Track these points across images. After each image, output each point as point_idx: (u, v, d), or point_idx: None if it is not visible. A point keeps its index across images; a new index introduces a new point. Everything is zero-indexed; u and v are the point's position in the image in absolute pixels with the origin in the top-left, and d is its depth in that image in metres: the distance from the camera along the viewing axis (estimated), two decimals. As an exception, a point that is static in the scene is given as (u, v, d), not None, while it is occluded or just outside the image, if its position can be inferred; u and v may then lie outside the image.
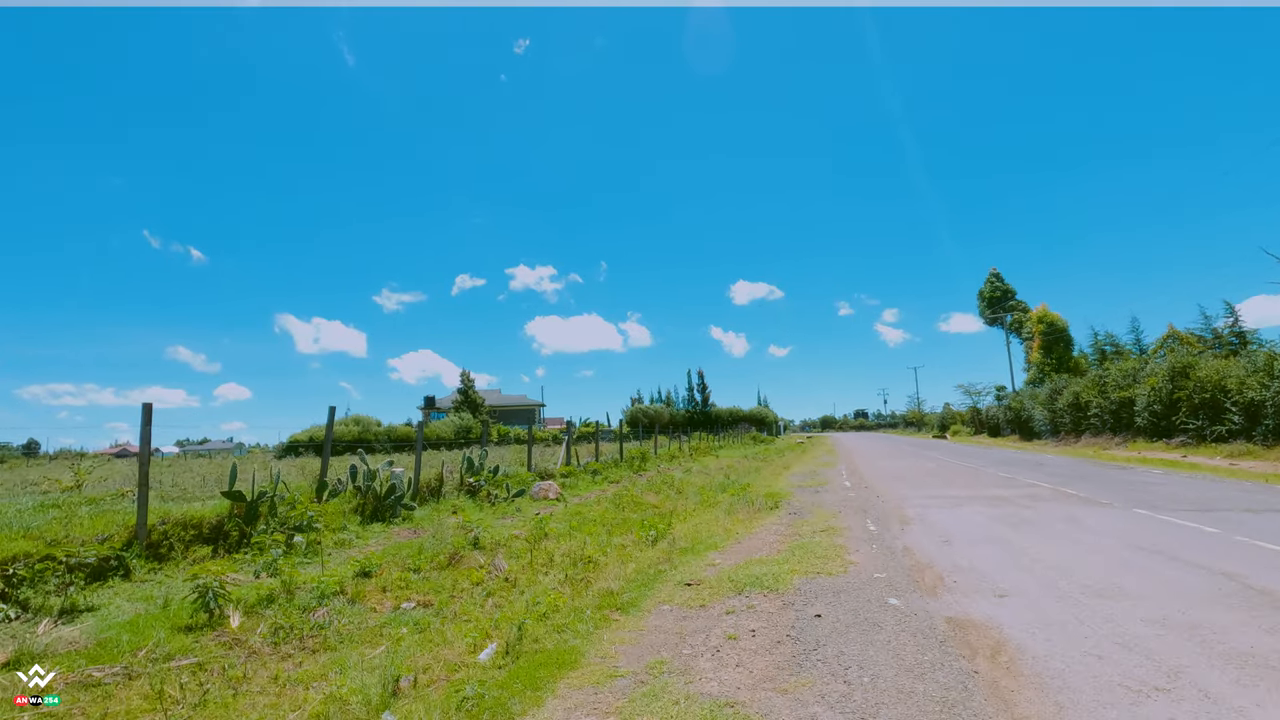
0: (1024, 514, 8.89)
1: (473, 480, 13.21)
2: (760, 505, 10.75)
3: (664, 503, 15.60)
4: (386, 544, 9.52)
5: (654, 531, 9.65)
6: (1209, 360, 24.46)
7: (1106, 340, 40.63)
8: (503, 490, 13.55)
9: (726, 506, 11.40)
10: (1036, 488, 12.04)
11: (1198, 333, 32.58)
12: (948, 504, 10.23)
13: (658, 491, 16.47)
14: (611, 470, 20.50)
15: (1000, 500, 10.40)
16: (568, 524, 11.44)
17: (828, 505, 10.70)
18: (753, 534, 8.56)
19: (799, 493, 13.05)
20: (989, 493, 11.51)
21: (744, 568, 6.31)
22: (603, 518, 12.43)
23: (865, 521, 8.80)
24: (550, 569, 8.90)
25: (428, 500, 12.14)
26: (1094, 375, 31.96)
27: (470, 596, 7.67)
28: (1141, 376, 28.33)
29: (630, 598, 5.86)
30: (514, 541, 10.03)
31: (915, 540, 7.28)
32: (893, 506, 10.22)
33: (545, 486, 14.54)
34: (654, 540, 9.47)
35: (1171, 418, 24.66)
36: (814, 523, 8.87)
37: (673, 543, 8.74)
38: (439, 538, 9.52)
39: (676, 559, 7.65)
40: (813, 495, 12.44)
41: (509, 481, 14.48)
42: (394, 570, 8.10)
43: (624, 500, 14.66)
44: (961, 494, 11.46)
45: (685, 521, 11.37)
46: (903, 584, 5.40)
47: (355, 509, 10.60)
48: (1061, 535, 7.30)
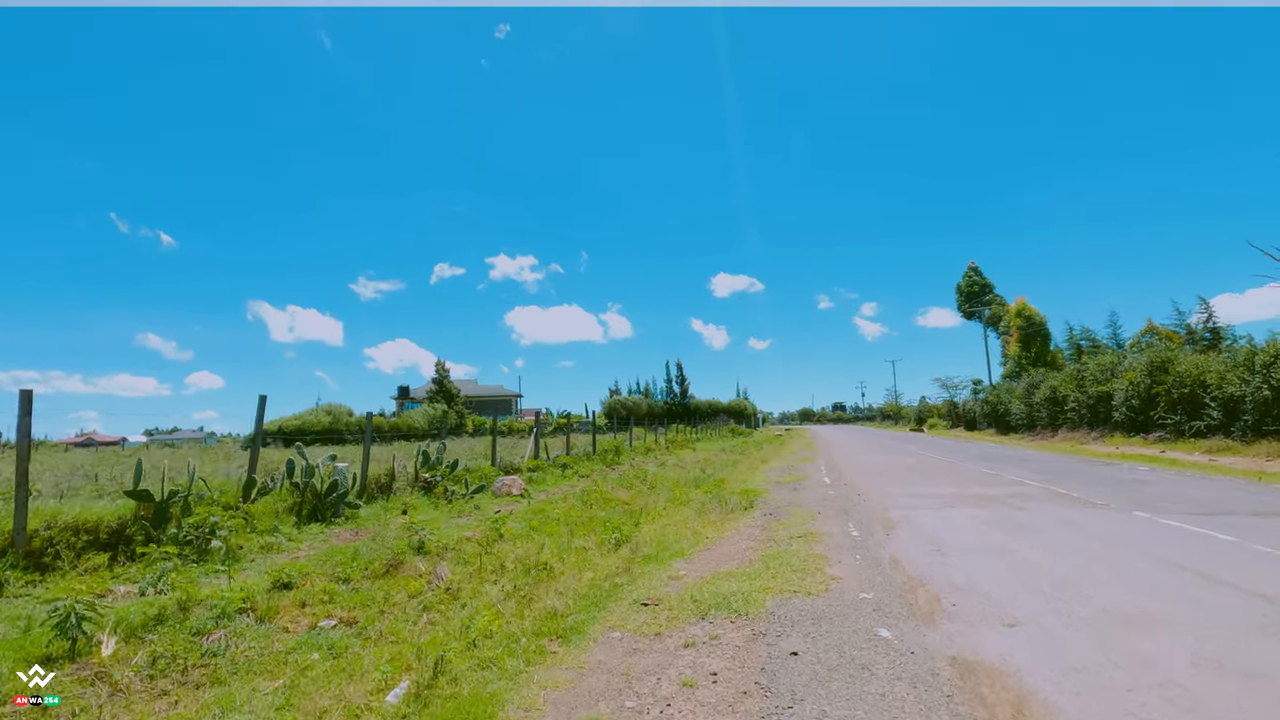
0: (1018, 517, 8.14)
1: (428, 475, 12.23)
2: (734, 505, 9.91)
3: (635, 499, 14.75)
4: (322, 548, 8.53)
5: (617, 534, 8.78)
6: (1188, 355, 24.14)
7: (1083, 335, 40.54)
8: (461, 486, 12.58)
9: (698, 505, 10.56)
10: (1024, 486, 11.36)
11: (1172, 328, 32.49)
12: (934, 504, 9.48)
13: (629, 487, 15.61)
14: (583, 464, 19.60)
15: (989, 500, 9.68)
16: (528, 524, 10.52)
17: (806, 505, 9.90)
18: (724, 538, 7.71)
19: (776, 490, 12.25)
20: (976, 491, 10.80)
21: (711, 583, 5.45)
22: (567, 516, 11.53)
23: (847, 525, 7.99)
24: (500, 577, 7.98)
25: (376, 498, 11.14)
26: (1072, 369, 31.69)
27: (403, 612, 6.73)
28: (1119, 371, 28.04)
29: (577, 620, 4.97)
30: (465, 545, 9.09)
31: (903, 549, 6.47)
32: (875, 507, 9.44)
33: (509, 482, 13.60)
34: (617, 544, 8.60)
35: (1149, 413, 24.34)
36: (791, 526, 8.05)
37: (636, 548, 7.87)
38: (379, 541, 8.56)
39: (638, 568, 6.77)
40: (790, 493, 11.65)
41: (469, 477, 13.51)
42: (320, 580, 7.13)
43: (592, 497, 13.78)
44: (947, 493, 10.73)
45: (654, 522, 10.51)
46: (894, 607, 4.56)
47: (291, 508, 9.58)
48: (1064, 543, 6.54)
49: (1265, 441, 18.16)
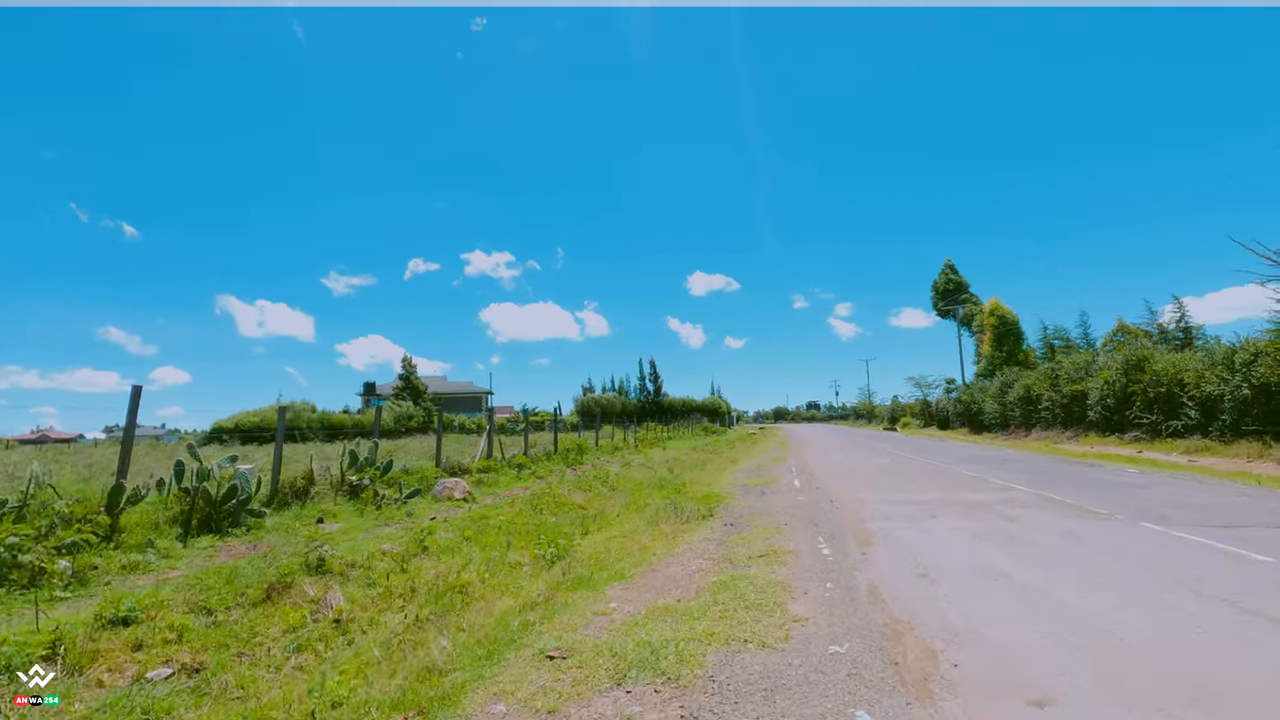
0: (1012, 529, 7.03)
1: (355, 478, 10.82)
2: (691, 513, 8.69)
3: (592, 502, 13.49)
4: (205, 566, 7.12)
5: (554, 548, 7.51)
6: (1164, 354, 23.55)
7: (1056, 334, 40.19)
8: (394, 490, 11.20)
9: (653, 513, 9.32)
10: (1012, 490, 10.30)
11: (1144, 327, 32.10)
12: (914, 513, 8.34)
13: (587, 489, 14.34)
14: (541, 464, 18.27)
15: (977, 508, 8.57)
16: (461, 533, 9.19)
17: (772, 513, 8.71)
18: (674, 555, 6.49)
19: (741, 495, 11.06)
20: (960, 496, 9.71)
21: (643, 624, 4.21)
22: (510, 524, 10.22)
23: (816, 540, 6.81)
24: (408, 603, 6.65)
25: (290, 504, 9.72)
26: (1046, 368, 31.11)
27: (269, 654, 5.36)
28: (1094, 370, 27.48)
29: (456, 681, 3.70)
30: (377, 561, 7.73)
31: (884, 573, 5.29)
32: (849, 516, 8.28)
33: (451, 485, 12.24)
34: (552, 560, 7.34)
35: (1125, 412, 23.73)
36: (752, 540, 6.84)
37: (570, 567, 6.60)
38: (269, 558, 7.17)
39: (564, 595, 5.51)
40: (756, 498, 10.47)
41: (406, 480, 12.12)
42: (175, 612, 5.74)
43: (543, 500, 12.48)
44: (929, 499, 9.62)
45: (602, 531, 9.26)
46: (874, 668, 3.35)
47: (176, 518, 8.14)
48: (1075, 563, 5.41)
49: (1244, 441, 17.51)
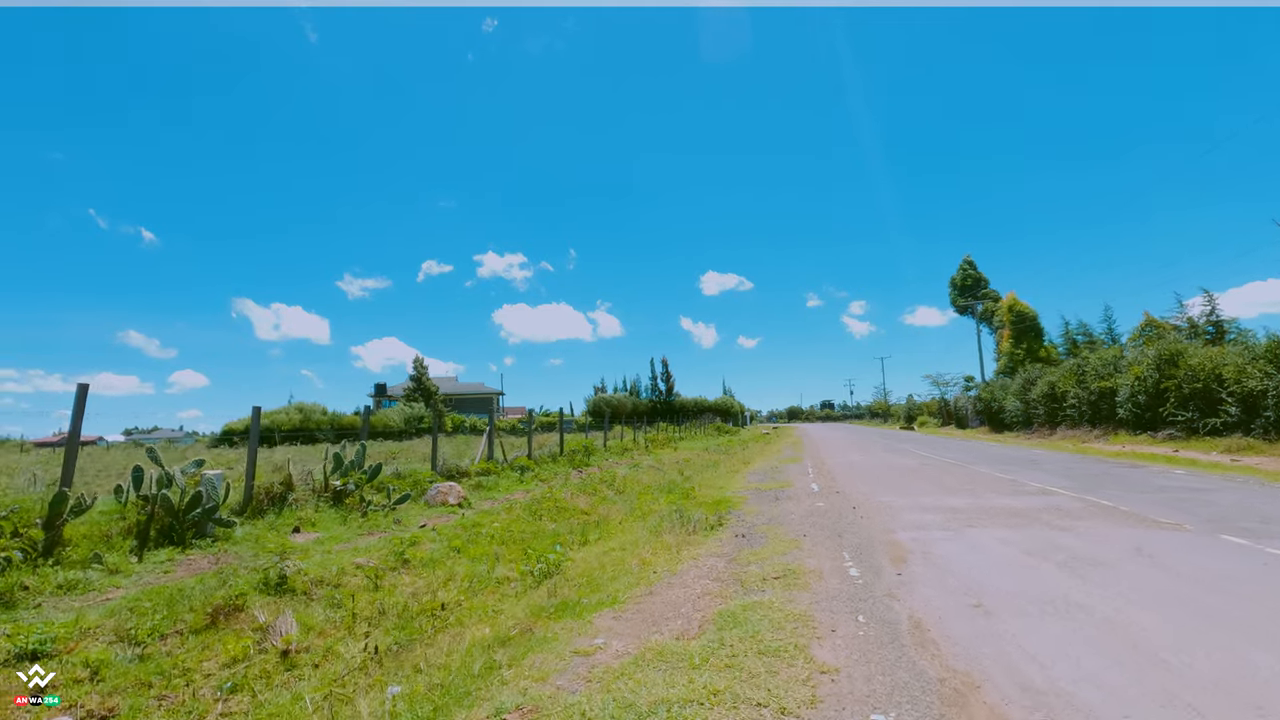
0: (1068, 543, 6.04)
1: (339, 483, 10.02)
2: (699, 522, 7.78)
3: (596, 507, 12.62)
4: (154, 583, 6.33)
5: (543, 563, 6.65)
6: (1199, 348, 22.24)
7: (1079, 330, 38.68)
8: (382, 496, 10.40)
9: (658, 521, 8.43)
10: (1053, 495, 9.27)
11: (1173, 321, 30.64)
12: (951, 521, 7.36)
13: (592, 493, 13.48)
14: (546, 466, 17.43)
15: (1020, 516, 7.57)
16: (448, 544, 8.36)
17: (788, 523, 7.77)
18: (676, 574, 5.59)
19: (754, 500, 10.13)
20: (997, 502, 8.69)
21: (629, 672, 3.32)
22: (503, 532, 9.38)
23: (841, 555, 5.87)
24: (373, 628, 5.81)
25: (266, 512, 8.93)
26: (1072, 364, 29.77)
27: (194, 698, 4.54)
28: (1123, 365, 26.17)
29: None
30: (348, 577, 6.91)
31: (928, 602, 4.34)
32: (876, 525, 7.32)
33: (445, 490, 11.42)
34: (542, 577, 6.48)
35: (1158, 409, 22.45)
36: (766, 556, 5.92)
37: (553, 591, 5.73)
38: (223, 575, 6.36)
39: (543, 626, 4.64)
40: (771, 504, 9.53)
41: (396, 484, 11.32)
42: (100, 642, 4.95)
43: (544, 506, 11.64)
44: (962, 504, 8.62)
45: (600, 542, 8.37)
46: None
47: (130, 530, 7.37)
48: (1163, 590, 4.42)
49: (1293, 440, 16.28)
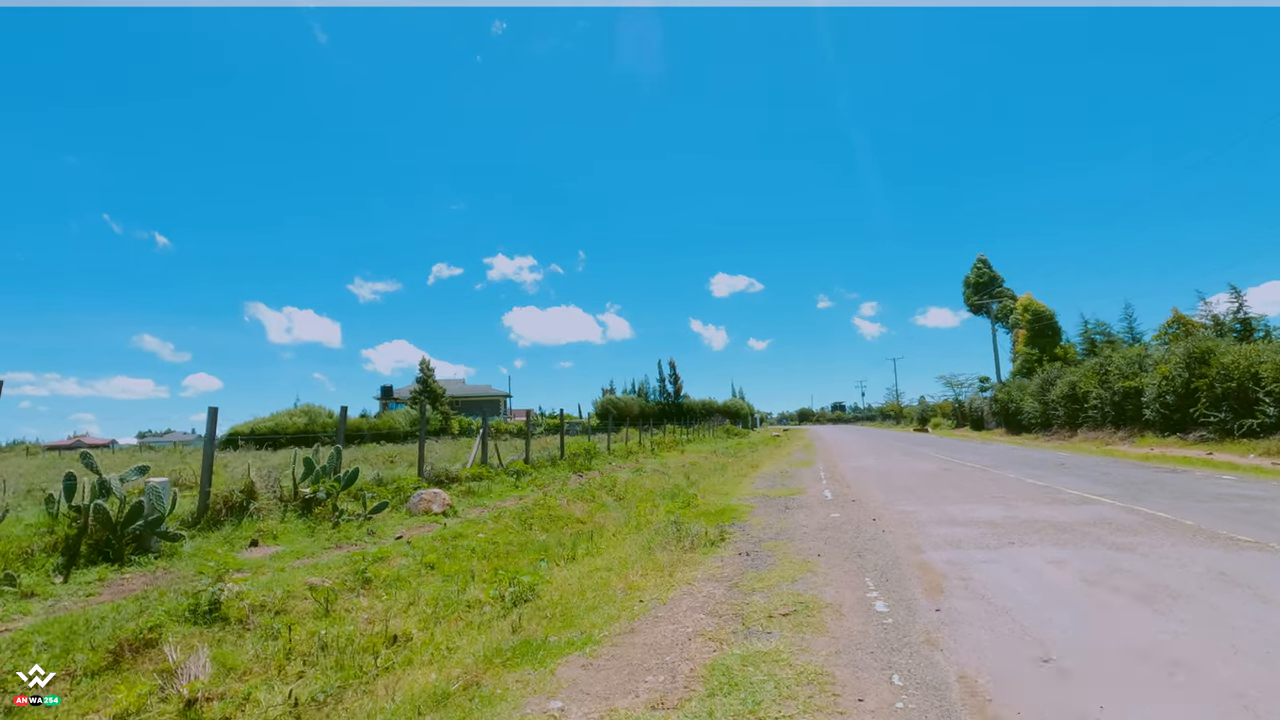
0: (1135, 566, 5.01)
1: (309, 491, 9.14)
2: (698, 536, 6.82)
3: (593, 514, 11.68)
4: (74, 608, 5.46)
5: (516, 586, 5.73)
6: (1232, 346, 20.96)
7: (1097, 329, 37.26)
8: (357, 504, 9.52)
9: (651, 535, 7.47)
10: (1096, 504, 8.21)
11: (1199, 319, 29.27)
12: (988, 538, 6.34)
13: (590, 499, 12.55)
14: (544, 471, 16.50)
15: (1067, 531, 6.53)
16: (422, 559, 7.43)
17: (799, 538, 6.78)
18: (666, 605, 4.64)
19: (761, 509, 9.15)
20: (1036, 514, 7.65)
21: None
22: (487, 545, 8.45)
23: (863, 582, 4.88)
24: (311, 665, 4.90)
25: (224, 523, 8.06)
26: (1094, 363, 28.49)
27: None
28: (1148, 364, 24.90)
29: None
30: (297, 600, 6.00)
31: (980, 656, 3.35)
32: (901, 542, 6.32)
33: (429, 497, 10.52)
34: (513, 603, 5.55)
35: (1188, 409, 21.19)
36: (773, 584, 4.95)
37: (519, 624, 4.79)
38: (143, 601, 5.48)
39: (493, 679, 3.71)
40: (780, 514, 8.55)
41: (376, 491, 10.44)
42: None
43: (536, 514, 10.72)
44: (996, 516, 7.59)
45: (587, 559, 7.43)
46: None
47: (57, 545, 6.52)
48: (1273, 638, 3.43)
49: (1341, 442, 15.07)
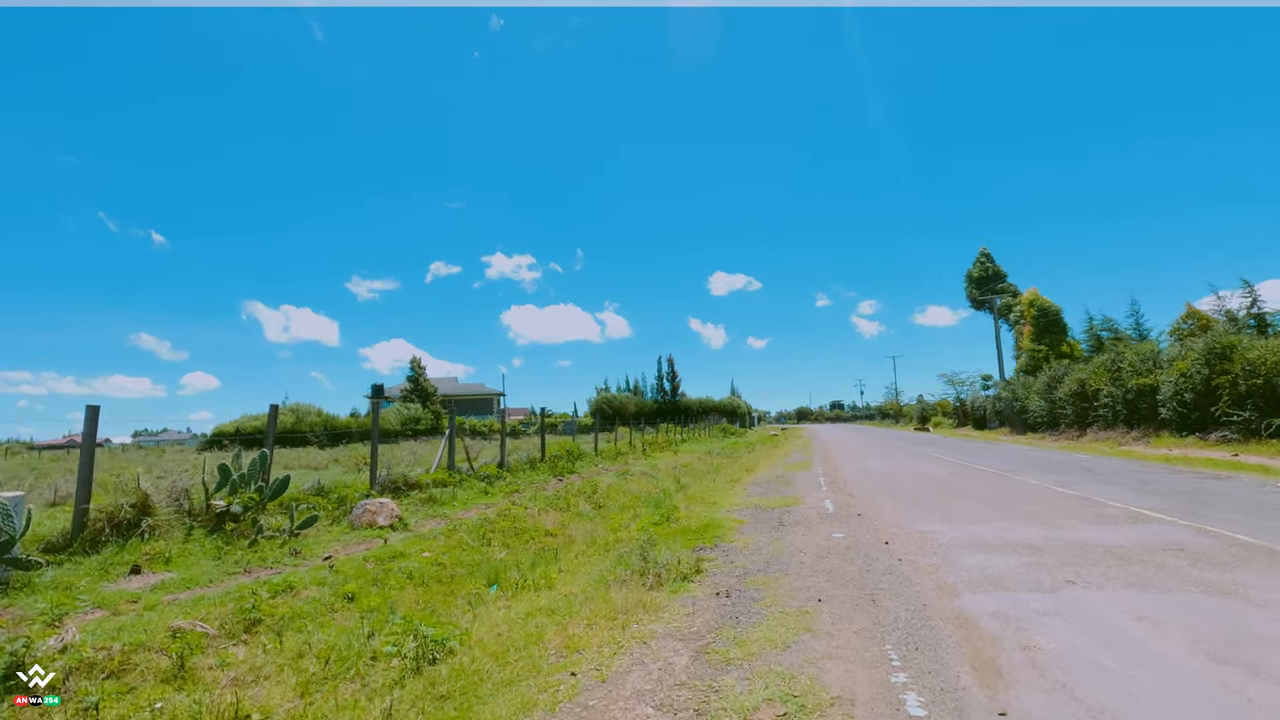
0: (1263, 624, 3.60)
1: (224, 503, 7.72)
2: (668, 566, 5.39)
3: (564, 527, 10.27)
4: None
5: (418, 640, 4.31)
6: (1258, 340, 19.54)
7: (1104, 325, 35.77)
8: (284, 518, 8.11)
9: (614, 563, 6.07)
10: (1153, 522, 6.78)
11: (1213, 314, 27.83)
12: (1037, 572, 4.90)
13: (565, 508, 11.15)
14: (522, 475, 15.09)
15: (1135, 561, 5.09)
16: (341, 588, 6.01)
17: (794, 571, 5.37)
18: (606, 683, 3.25)
19: (751, 525, 7.74)
20: (1086, 535, 6.19)
21: None
22: (429, 567, 7.02)
23: (883, 654, 3.46)
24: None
25: (104, 545, 6.64)
26: (1105, 360, 27.06)
27: None
28: (1163, 361, 23.49)
29: None
30: (148, 654, 4.56)
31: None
32: (926, 578, 4.89)
33: (375, 508, 9.11)
34: (416, 664, 4.14)
35: (1209, 408, 19.77)
36: (755, 654, 3.54)
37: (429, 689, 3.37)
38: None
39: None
40: (772, 532, 7.14)
41: (312, 502, 9.03)
42: None
43: (498, 527, 9.33)
44: (1036, 538, 6.15)
45: (529, 596, 6.00)
46: None
47: None
48: None
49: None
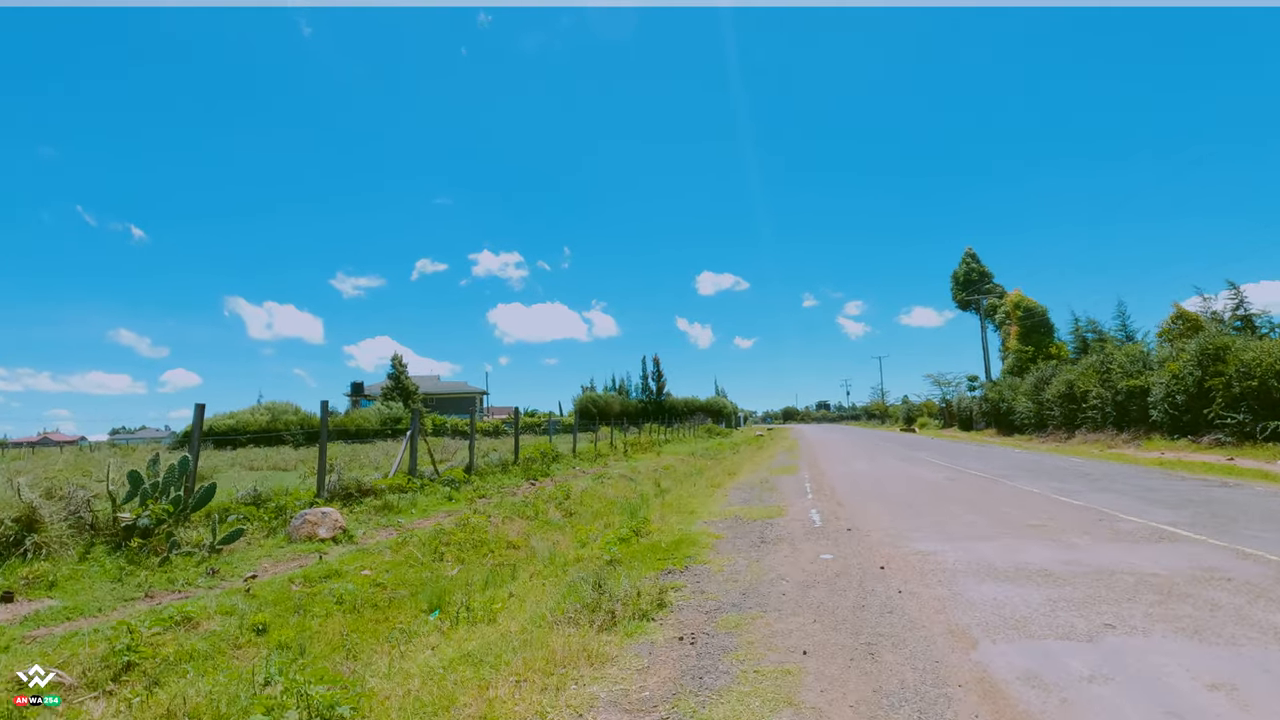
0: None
1: (130, 516, 6.72)
2: (626, 601, 4.50)
3: (528, 538, 9.38)
4: None
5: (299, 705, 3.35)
6: (1252, 341, 19.01)
7: (1089, 327, 35.36)
8: (204, 531, 7.13)
9: (564, 593, 5.17)
10: (1179, 541, 5.98)
11: (1201, 314, 27.40)
12: (1063, 608, 4.04)
13: (533, 516, 10.25)
14: (492, 478, 14.16)
15: (1179, 597, 4.21)
16: (252, 618, 5.04)
17: (774, 607, 4.49)
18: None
19: (729, 540, 6.87)
20: (1107, 558, 5.36)
21: None
22: (367, 588, 6.09)
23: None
24: None
25: (-22, 566, 5.64)
26: (1094, 361, 26.53)
27: None
28: (1153, 362, 22.97)
29: None
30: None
31: None
32: (934, 621, 4.02)
33: (315, 518, 8.15)
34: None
35: (1202, 410, 19.20)
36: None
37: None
38: None
39: None
40: (751, 552, 6.27)
41: (241, 511, 8.03)
42: None
43: (454, 539, 8.44)
44: (1052, 561, 5.32)
45: (458, 631, 5.08)
46: None
47: None
48: None
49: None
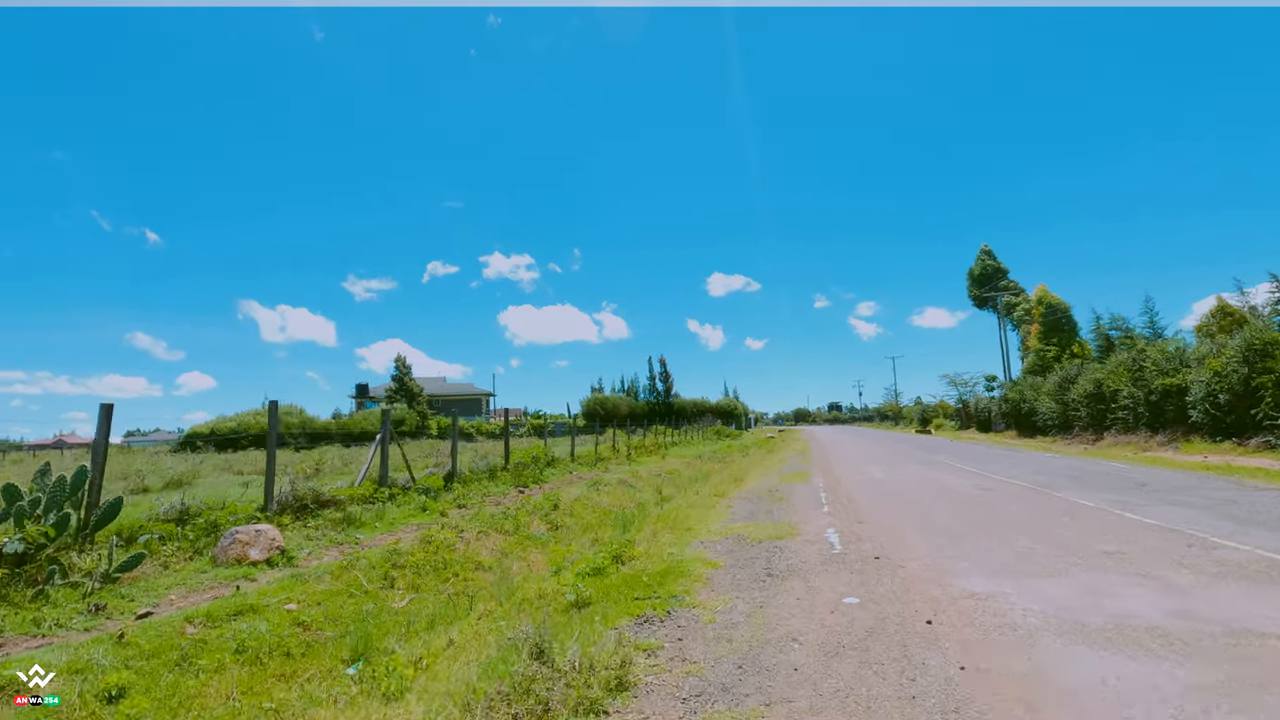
0: None
1: (4, 541, 5.47)
2: (575, 680, 3.17)
3: (503, 557, 8.06)
4: None
5: None
6: (1305, 335, 17.31)
7: (1113, 324, 33.50)
8: (96, 558, 5.87)
9: (496, 665, 3.81)
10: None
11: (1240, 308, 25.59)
12: (1225, 710, 2.70)
13: (513, 530, 8.94)
14: (477, 485, 12.86)
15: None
16: (113, 678, 3.69)
17: (780, 698, 3.13)
18: None
19: (727, 571, 5.52)
20: (1237, 609, 3.80)
21: None
22: (286, 628, 4.73)
23: None
24: None
25: None
26: (1125, 358, 24.81)
27: None
28: (1191, 360, 21.27)
29: None
30: None
31: None
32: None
33: (247, 537, 6.86)
34: None
35: (1249, 411, 17.52)
36: None
37: None
38: None
39: None
40: (753, 593, 4.92)
41: (155, 531, 6.77)
42: None
43: (413, 560, 7.11)
44: (1159, 614, 3.88)
45: (363, 706, 3.75)
46: None
47: None
48: None
49: None
